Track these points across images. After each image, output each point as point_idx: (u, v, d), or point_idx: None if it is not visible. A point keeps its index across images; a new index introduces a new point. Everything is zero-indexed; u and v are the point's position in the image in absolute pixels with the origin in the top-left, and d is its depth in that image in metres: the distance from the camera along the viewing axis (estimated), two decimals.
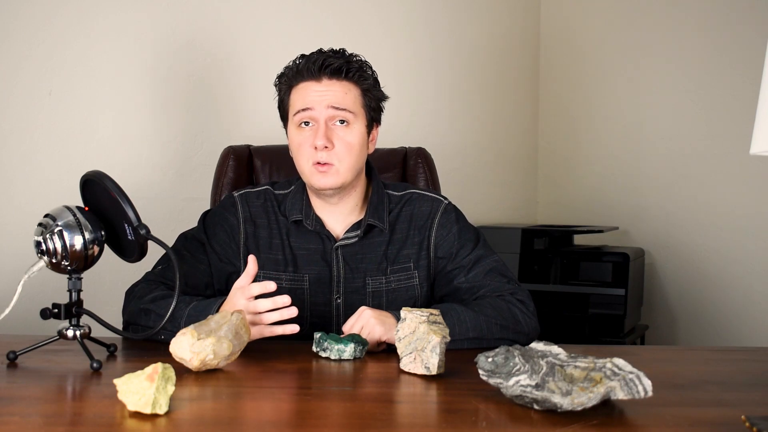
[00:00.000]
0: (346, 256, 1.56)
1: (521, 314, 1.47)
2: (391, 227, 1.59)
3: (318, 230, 1.56)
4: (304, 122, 1.52)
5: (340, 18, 2.56)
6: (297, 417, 1.02)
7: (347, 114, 1.51)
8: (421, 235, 1.59)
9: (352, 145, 1.51)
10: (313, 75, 1.51)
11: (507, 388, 1.02)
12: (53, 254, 1.24)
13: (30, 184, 2.01)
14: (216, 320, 1.25)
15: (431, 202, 1.61)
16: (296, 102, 1.53)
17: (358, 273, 1.56)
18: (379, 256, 1.57)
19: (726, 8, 2.76)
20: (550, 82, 3.31)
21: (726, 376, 1.26)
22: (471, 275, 1.54)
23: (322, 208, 1.58)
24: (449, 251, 1.57)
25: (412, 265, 1.58)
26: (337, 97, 1.51)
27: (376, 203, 1.58)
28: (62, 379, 1.17)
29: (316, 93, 1.51)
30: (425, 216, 1.60)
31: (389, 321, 1.36)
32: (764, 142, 1.21)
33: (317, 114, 1.50)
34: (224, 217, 1.59)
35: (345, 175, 1.51)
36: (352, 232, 1.56)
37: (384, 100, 1.60)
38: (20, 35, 2.00)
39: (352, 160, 1.51)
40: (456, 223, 1.60)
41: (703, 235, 2.83)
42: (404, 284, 1.57)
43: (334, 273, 1.56)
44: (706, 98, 2.82)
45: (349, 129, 1.51)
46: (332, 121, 1.51)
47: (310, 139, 1.50)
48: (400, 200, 1.61)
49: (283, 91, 1.57)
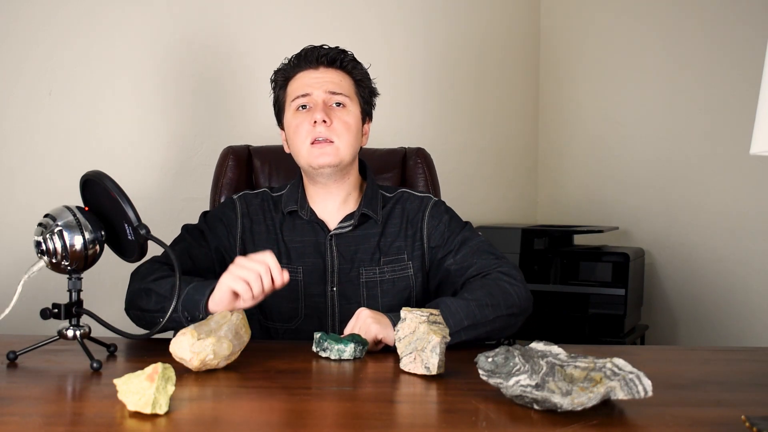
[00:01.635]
0: (340, 246, 1.59)
1: (510, 286, 1.48)
2: (384, 221, 1.63)
3: (312, 220, 1.60)
4: (301, 106, 1.58)
5: (340, 18, 2.56)
6: (297, 417, 1.02)
7: (343, 97, 1.58)
8: (413, 228, 1.63)
9: (350, 124, 1.57)
10: (310, 64, 1.59)
11: (507, 388, 1.02)
12: (53, 254, 1.24)
13: (30, 184, 2.01)
14: (216, 320, 1.25)
15: (421, 199, 1.67)
16: (294, 90, 1.60)
17: (352, 263, 1.59)
18: (373, 247, 1.60)
19: (726, 8, 2.76)
20: (550, 81, 3.31)
21: (726, 376, 1.26)
22: (459, 256, 1.58)
23: (317, 198, 1.62)
24: (441, 239, 1.61)
25: (406, 256, 1.61)
26: (334, 82, 1.58)
27: (371, 196, 1.63)
28: (62, 379, 1.17)
29: (314, 79, 1.58)
30: (416, 210, 1.65)
31: (384, 320, 1.37)
32: (764, 142, 1.21)
33: (316, 97, 1.57)
34: (223, 213, 1.64)
35: (343, 153, 1.55)
36: (346, 221, 1.60)
37: (375, 96, 1.67)
38: (20, 35, 2.00)
39: (350, 138, 1.57)
40: (446, 213, 1.65)
41: (703, 235, 2.83)
42: (399, 275, 1.60)
43: (328, 263, 1.58)
44: (706, 98, 2.82)
45: (346, 110, 1.58)
46: (329, 103, 1.57)
47: (308, 118, 1.56)
48: (392, 198, 1.67)
49: (279, 85, 1.63)
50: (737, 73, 2.71)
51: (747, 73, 2.60)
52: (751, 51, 2.58)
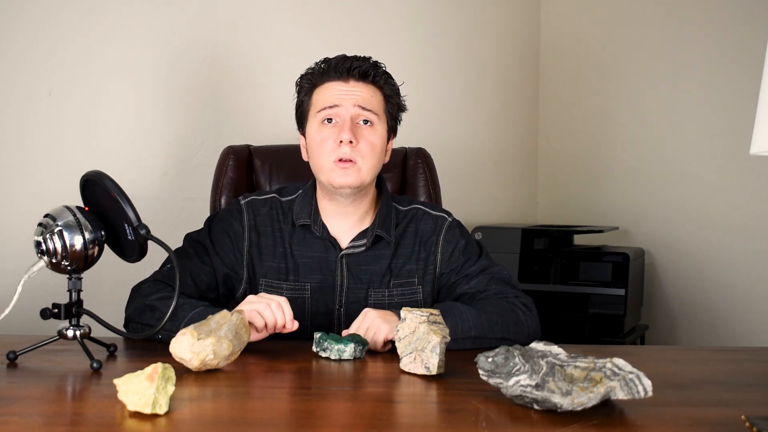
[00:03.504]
0: (350, 266, 1.55)
1: (523, 315, 1.47)
2: (396, 241, 1.58)
3: (324, 237, 1.55)
4: (327, 119, 1.51)
5: (340, 19, 2.56)
6: (297, 417, 1.02)
7: (372, 115, 1.52)
8: (426, 251, 1.59)
9: (375, 145, 1.52)
10: (341, 75, 1.52)
11: (507, 388, 1.02)
12: (53, 254, 1.24)
13: (30, 184, 2.01)
14: (216, 320, 1.25)
15: (435, 219, 1.61)
16: (321, 100, 1.53)
17: (361, 283, 1.55)
18: (383, 269, 1.56)
19: (726, 8, 2.76)
20: (550, 82, 3.31)
21: (726, 376, 1.26)
22: (474, 282, 1.55)
23: (330, 214, 1.56)
24: (455, 265, 1.58)
25: (417, 280, 1.58)
26: (364, 98, 1.52)
27: (385, 215, 1.58)
28: (62, 379, 1.17)
29: (343, 92, 1.51)
30: (430, 232, 1.60)
31: (394, 320, 1.35)
32: (764, 142, 1.21)
33: (344, 111, 1.50)
34: (230, 224, 1.57)
35: (365, 175, 1.50)
36: (358, 240, 1.55)
37: (403, 111, 1.61)
38: (20, 35, 2.00)
39: (374, 160, 1.51)
40: (461, 238, 1.60)
41: (703, 235, 2.83)
42: (408, 299, 1.57)
43: (337, 282, 1.55)
44: (706, 98, 2.82)
45: (373, 129, 1.52)
46: (357, 120, 1.51)
47: (333, 135, 1.50)
48: (406, 215, 1.61)
49: (305, 91, 1.56)
50: (737, 73, 2.71)
51: (747, 73, 2.60)
52: (751, 51, 2.57)
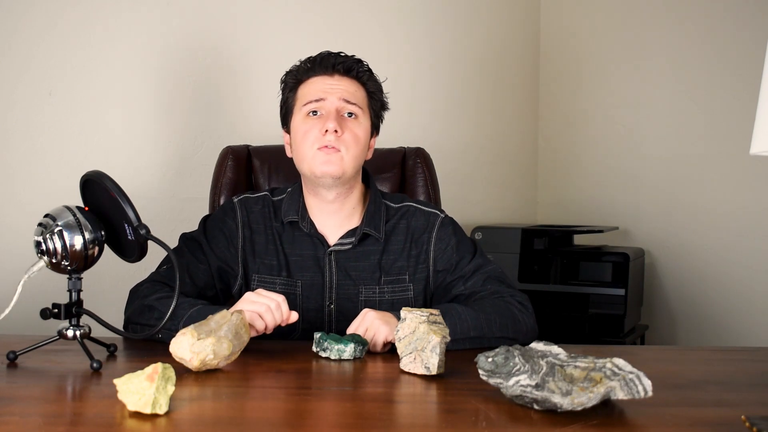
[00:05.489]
0: (339, 262, 1.56)
1: (520, 314, 1.48)
2: (386, 237, 1.58)
3: (312, 233, 1.56)
4: (312, 111, 1.53)
5: (340, 19, 2.56)
6: (297, 417, 1.02)
7: (356, 108, 1.54)
8: (418, 248, 1.59)
9: (359, 137, 1.53)
10: (325, 70, 1.55)
11: (507, 388, 1.02)
12: (53, 254, 1.24)
13: (30, 184, 2.02)
14: (216, 320, 1.25)
15: (428, 216, 1.61)
16: (306, 94, 1.55)
17: (351, 280, 1.56)
18: (373, 265, 1.56)
19: (726, 9, 2.76)
20: (550, 82, 3.31)
21: (726, 376, 1.26)
22: (470, 283, 1.55)
23: (317, 211, 1.57)
24: (449, 264, 1.57)
25: (407, 277, 1.58)
26: (349, 92, 1.54)
27: (373, 212, 1.58)
28: (62, 379, 1.17)
29: (329, 85, 1.54)
30: (422, 229, 1.60)
31: (393, 321, 1.36)
32: (764, 142, 1.21)
33: (329, 104, 1.53)
34: (224, 221, 1.59)
35: (347, 165, 1.51)
36: (347, 238, 1.56)
37: (385, 110, 1.63)
38: (22, 37, 2.00)
39: (357, 150, 1.53)
40: (454, 235, 1.60)
41: (703, 235, 2.83)
42: (398, 296, 1.57)
43: (326, 279, 1.55)
44: (706, 98, 2.82)
45: (357, 122, 1.54)
46: (342, 112, 1.53)
47: (318, 125, 1.51)
48: (397, 212, 1.61)
49: (290, 87, 1.59)
50: (737, 73, 2.71)
51: (747, 73, 2.60)
52: (751, 51, 2.57)
